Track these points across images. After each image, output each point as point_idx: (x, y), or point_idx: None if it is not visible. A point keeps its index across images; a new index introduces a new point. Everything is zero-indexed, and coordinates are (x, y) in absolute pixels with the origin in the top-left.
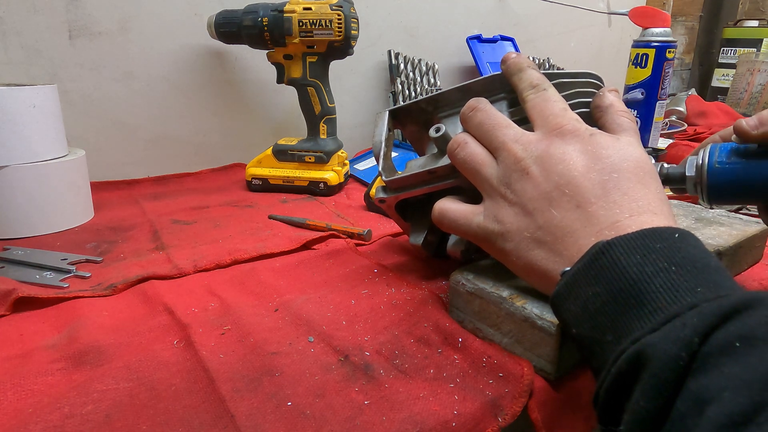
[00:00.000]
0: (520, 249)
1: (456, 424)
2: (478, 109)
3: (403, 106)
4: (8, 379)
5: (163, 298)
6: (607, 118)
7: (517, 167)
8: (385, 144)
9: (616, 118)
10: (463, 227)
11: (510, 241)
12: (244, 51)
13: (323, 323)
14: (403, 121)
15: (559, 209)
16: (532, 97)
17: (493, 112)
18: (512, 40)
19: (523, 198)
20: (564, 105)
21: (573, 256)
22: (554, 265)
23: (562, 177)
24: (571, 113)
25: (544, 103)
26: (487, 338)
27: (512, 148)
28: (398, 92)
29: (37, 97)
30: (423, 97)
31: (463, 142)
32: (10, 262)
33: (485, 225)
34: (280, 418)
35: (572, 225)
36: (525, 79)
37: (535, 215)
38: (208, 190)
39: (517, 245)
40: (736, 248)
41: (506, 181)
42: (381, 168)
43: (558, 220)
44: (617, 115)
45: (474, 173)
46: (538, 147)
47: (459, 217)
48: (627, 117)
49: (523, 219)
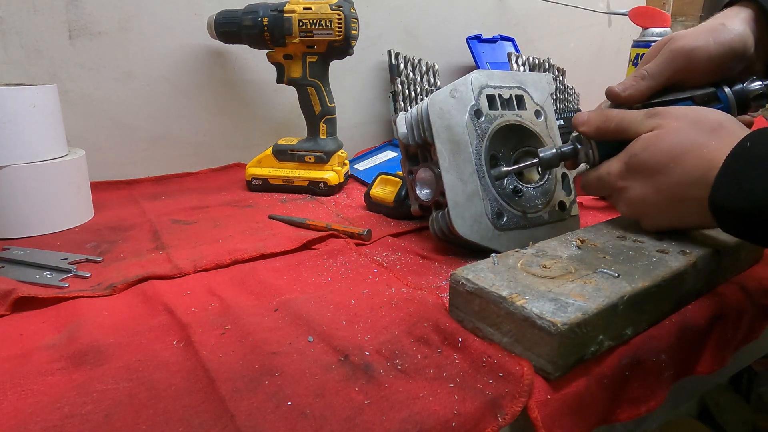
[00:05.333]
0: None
1: (456, 423)
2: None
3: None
4: (8, 379)
5: (163, 298)
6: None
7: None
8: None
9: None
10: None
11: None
12: (244, 51)
13: (323, 323)
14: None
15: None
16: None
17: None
18: (512, 40)
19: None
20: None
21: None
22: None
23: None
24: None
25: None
26: (486, 338)
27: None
28: (398, 92)
29: (37, 97)
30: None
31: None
32: (10, 262)
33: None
34: (280, 417)
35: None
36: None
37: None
38: (208, 190)
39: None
40: (736, 248)
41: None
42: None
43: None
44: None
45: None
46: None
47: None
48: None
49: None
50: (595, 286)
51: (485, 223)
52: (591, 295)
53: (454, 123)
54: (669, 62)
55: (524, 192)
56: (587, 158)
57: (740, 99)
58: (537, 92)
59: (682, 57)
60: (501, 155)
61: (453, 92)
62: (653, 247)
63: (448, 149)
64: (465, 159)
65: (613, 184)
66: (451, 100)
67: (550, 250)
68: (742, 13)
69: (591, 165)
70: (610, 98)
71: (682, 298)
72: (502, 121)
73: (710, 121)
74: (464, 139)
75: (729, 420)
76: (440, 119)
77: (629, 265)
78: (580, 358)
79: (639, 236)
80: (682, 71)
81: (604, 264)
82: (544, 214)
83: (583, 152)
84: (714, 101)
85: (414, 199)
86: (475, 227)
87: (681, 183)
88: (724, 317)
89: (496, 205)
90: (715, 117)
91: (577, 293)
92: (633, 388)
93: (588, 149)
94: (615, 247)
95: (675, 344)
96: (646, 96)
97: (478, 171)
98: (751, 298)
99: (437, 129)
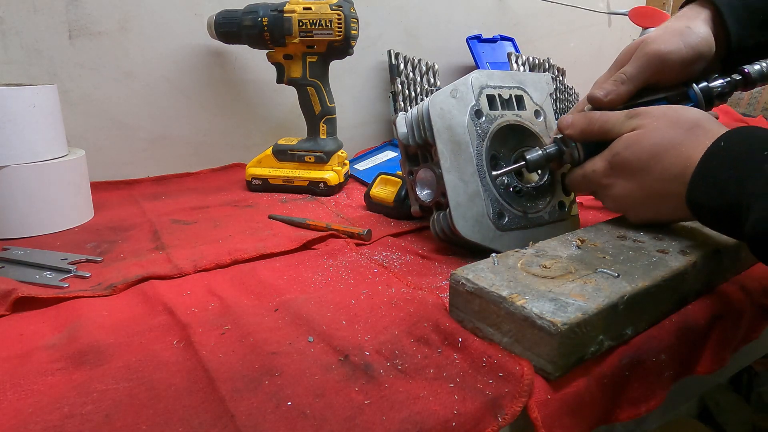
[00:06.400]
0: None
1: (456, 423)
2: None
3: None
4: (8, 379)
5: (163, 298)
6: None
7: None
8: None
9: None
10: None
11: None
12: (244, 51)
13: (323, 323)
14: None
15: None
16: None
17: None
18: (512, 40)
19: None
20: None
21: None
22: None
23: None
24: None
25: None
26: (486, 338)
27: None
28: (398, 92)
29: (37, 97)
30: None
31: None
32: (10, 262)
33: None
34: (280, 417)
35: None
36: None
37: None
38: (208, 190)
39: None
40: (736, 248)
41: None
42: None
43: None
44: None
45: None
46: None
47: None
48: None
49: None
50: (595, 286)
51: (487, 224)
52: (591, 295)
53: (455, 123)
54: (645, 66)
55: (524, 192)
56: (572, 158)
57: (707, 96)
58: (536, 92)
59: (657, 61)
60: (501, 155)
61: (454, 92)
62: (653, 247)
63: (449, 149)
64: (466, 159)
65: (598, 182)
66: (451, 101)
67: (550, 250)
68: (702, 14)
69: (576, 164)
70: (592, 104)
71: (682, 298)
72: (502, 122)
73: (688, 120)
74: (465, 140)
75: (729, 420)
76: (441, 119)
77: (629, 265)
78: (580, 358)
79: (639, 236)
80: (657, 74)
81: (604, 264)
82: (545, 214)
83: (569, 153)
84: (685, 100)
85: (414, 200)
86: (476, 228)
87: (661, 179)
88: (724, 317)
89: (498, 205)
90: (693, 116)
91: (577, 293)
92: (633, 388)
93: (573, 150)
94: (615, 247)
95: (675, 344)
96: (625, 99)
97: (479, 171)
98: (751, 298)
99: (438, 129)
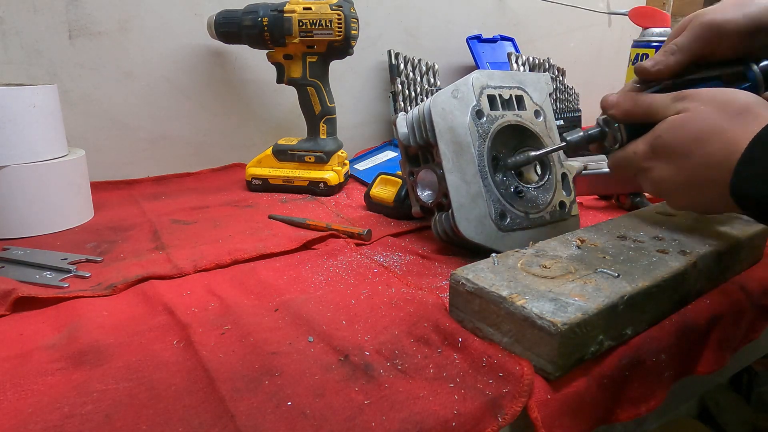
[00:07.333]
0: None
1: (456, 423)
2: None
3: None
4: (8, 379)
5: (163, 298)
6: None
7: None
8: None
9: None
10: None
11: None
12: (244, 51)
13: (323, 323)
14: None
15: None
16: None
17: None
18: (512, 40)
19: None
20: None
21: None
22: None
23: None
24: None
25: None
26: (487, 338)
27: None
28: (398, 92)
29: (37, 97)
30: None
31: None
32: (10, 262)
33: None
34: (280, 417)
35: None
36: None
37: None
38: (208, 190)
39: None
40: (736, 248)
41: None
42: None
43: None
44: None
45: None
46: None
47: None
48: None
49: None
50: (595, 286)
51: (489, 225)
52: (591, 295)
53: (456, 124)
54: (698, 36)
55: (525, 192)
56: (614, 140)
57: (767, 77)
58: (536, 92)
59: (711, 31)
60: (502, 156)
61: (455, 93)
62: (653, 247)
63: (451, 150)
64: (468, 160)
65: (639, 164)
66: (453, 101)
67: (550, 250)
68: None
69: (619, 146)
70: (639, 74)
71: (682, 298)
72: (503, 122)
73: (738, 104)
74: (467, 140)
75: (729, 420)
76: (443, 120)
77: (629, 265)
78: (580, 358)
79: (639, 236)
80: (710, 45)
81: (604, 264)
82: (546, 214)
83: (611, 135)
84: (742, 80)
85: (415, 201)
86: (479, 228)
87: (703, 165)
88: (724, 317)
89: (499, 206)
90: (744, 100)
91: (577, 293)
92: (633, 388)
93: (616, 131)
94: (615, 247)
95: (675, 344)
96: (674, 71)
97: (481, 172)
98: (751, 298)
99: (440, 130)
